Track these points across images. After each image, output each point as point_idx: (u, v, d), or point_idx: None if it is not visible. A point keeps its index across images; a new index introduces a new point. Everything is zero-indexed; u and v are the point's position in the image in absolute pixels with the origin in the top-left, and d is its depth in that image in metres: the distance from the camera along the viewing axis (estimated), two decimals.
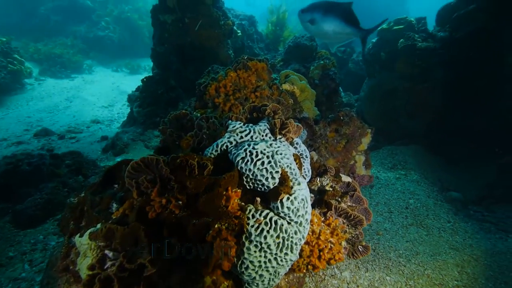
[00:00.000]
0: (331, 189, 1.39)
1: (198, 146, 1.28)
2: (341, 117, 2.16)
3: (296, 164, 1.18)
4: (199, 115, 1.64)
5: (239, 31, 4.78)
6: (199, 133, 1.32)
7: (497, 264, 1.94)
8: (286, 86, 2.29)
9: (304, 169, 1.27)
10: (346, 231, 1.23)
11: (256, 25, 6.05)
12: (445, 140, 4.45)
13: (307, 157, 1.30)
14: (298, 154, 1.27)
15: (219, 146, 1.12)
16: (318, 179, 1.43)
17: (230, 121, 1.21)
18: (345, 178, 1.59)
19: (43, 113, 4.29)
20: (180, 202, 0.89)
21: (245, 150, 1.06)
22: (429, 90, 4.21)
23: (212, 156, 1.12)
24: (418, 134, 4.71)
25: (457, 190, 3.83)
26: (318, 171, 1.48)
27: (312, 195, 1.34)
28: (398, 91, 4.60)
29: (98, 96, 5.46)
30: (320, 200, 1.30)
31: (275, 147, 1.10)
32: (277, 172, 1.02)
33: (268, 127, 1.22)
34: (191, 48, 3.58)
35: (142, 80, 3.32)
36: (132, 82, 6.87)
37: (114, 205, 1.02)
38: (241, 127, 1.17)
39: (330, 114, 4.21)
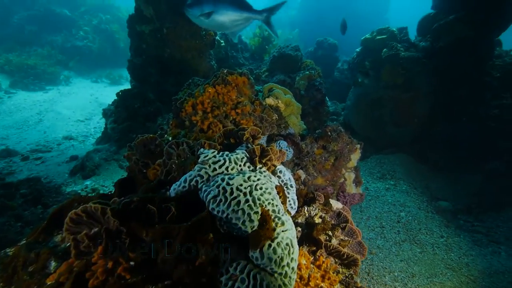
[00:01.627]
0: (320, 220, 1.24)
1: (166, 178, 1.10)
2: (329, 133, 2.03)
3: (280, 197, 1.03)
4: (170, 138, 1.47)
5: (222, 41, 4.67)
6: (167, 162, 1.14)
7: (496, 286, 1.84)
8: (270, 101, 2.15)
9: (289, 201, 1.11)
10: (339, 271, 1.07)
11: (240, 35, 5.97)
12: (431, 147, 4.46)
13: (292, 186, 1.15)
14: (282, 184, 1.12)
15: (188, 181, 0.95)
16: (306, 208, 1.27)
17: (202, 149, 1.05)
18: (336, 204, 1.44)
19: (10, 129, 3.94)
20: (133, 263, 0.71)
21: (218, 186, 0.89)
22: (414, 98, 4.23)
23: (180, 193, 0.94)
24: (405, 142, 4.71)
25: (446, 198, 3.80)
26: (306, 198, 1.32)
27: (300, 229, 1.19)
28: (383, 100, 4.60)
29: (74, 109, 5.13)
30: (309, 236, 1.14)
31: (254, 181, 0.94)
32: (256, 212, 0.86)
33: (247, 155, 1.06)
34: (170, 59, 3.41)
35: (118, 94, 3.11)
36: (112, 94, 6.54)
37: (53, 263, 0.81)
38: (214, 156, 1.00)
39: (317, 124, 4.14)
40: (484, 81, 4.19)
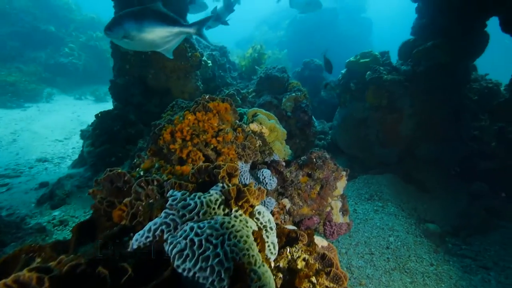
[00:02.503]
0: (303, 263, 1.14)
1: (131, 223, 0.99)
2: (314, 160, 1.97)
3: (258, 244, 0.93)
4: (142, 172, 1.36)
5: (209, 61, 4.68)
6: (134, 204, 1.03)
7: None
8: (253, 126, 2.09)
9: (268, 246, 1.01)
10: None
11: (228, 55, 6.04)
12: (416, 168, 4.51)
13: (272, 228, 1.05)
14: (261, 226, 1.03)
15: (153, 231, 0.84)
16: (288, 249, 1.17)
17: (171, 190, 0.95)
18: (321, 242, 1.35)
19: None
20: None
21: (186, 237, 0.79)
22: (398, 120, 4.31)
23: (142, 245, 0.83)
24: (392, 162, 4.75)
25: (433, 220, 3.79)
26: (288, 238, 1.23)
27: (281, 275, 1.08)
28: (369, 120, 4.67)
29: (53, 128, 4.90)
30: (291, 284, 1.04)
31: (227, 228, 0.85)
32: (227, 269, 0.76)
33: (222, 196, 0.97)
34: (155, 80, 3.34)
35: (97, 115, 2.98)
36: (96, 111, 6.37)
37: None
38: (184, 200, 0.91)
39: (304, 144, 4.11)
40: (463, 103, 4.35)
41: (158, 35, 2.01)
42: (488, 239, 3.23)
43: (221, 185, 1.00)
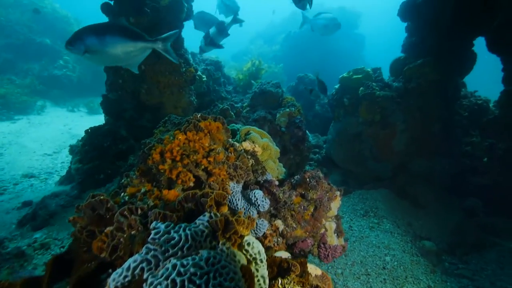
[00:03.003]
0: None
1: (111, 257, 0.92)
2: (307, 179, 1.94)
3: (246, 281, 0.87)
4: (127, 198, 1.30)
5: (204, 76, 4.69)
6: (115, 235, 0.97)
7: None
8: (246, 145, 2.06)
9: (258, 280, 0.95)
10: None
11: (223, 69, 6.08)
12: (409, 183, 4.50)
13: (262, 260, 1.00)
14: (251, 259, 0.97)
15: (132, 269, 0.78)
16: (280, 281, 1.11)
17: (155, 222, 0.89)
18: (314, 271, 1.29)
19: None
20: None
21: (167, 277, 0.73)
22: (391, 135, 4.34)
23: (120, 286, 0.77)
24: (386, 177, 4.74)
25: (429, 237, 3.74)
26: (280, 268, 1.17)
27: None
28: (362, 135, 4.69)
29: (43, 142, 4.78)
30: None
31: (213, 264, 0.79)
32: None
33: (209, 227, 0.91)
34: (148, 95, 3.32)
35: (86, 131, 2.91)
36: (88, 124, 6.26)
37: None
38: (168, 233, 0.85)
39: (299, 159, 4.08)
40: (454, 119, 4.42)
41: (121, 50, 1.99)
42: (485, 257, 3.19)
43: (208, 215, 0.95)
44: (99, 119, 3.23)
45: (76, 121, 6.44)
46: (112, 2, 3.05)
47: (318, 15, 4.46)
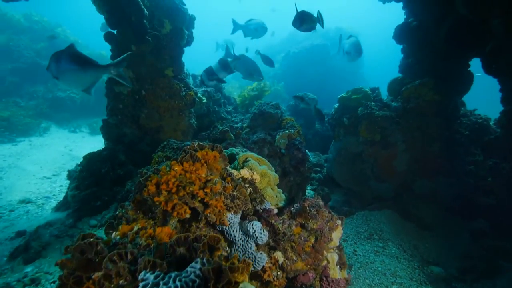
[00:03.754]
0: None
1: None
2: (308, 208, 1.88)
3: None
4: (118, 237, 1.26)
5: (204, 98, 4.75)
6: (103, 284, 0.92)
7: None
8: (244, 172, 2.03)
9: None
10: None
11: (223, 90, 6.18)
12: (413, 204, 4.40)
13: None
14: None
15: None
16: None
17: (143, 272, 0.85)
18: None
19: None
20: None
21: None
22: (392, 155, 4.30)
23: None
24: (389, 197, 4.65)
25: (436, 261, 3.58)
26: None
27: None
28: (363, 155, 4.66)
29: (42, 164, 4.78)
30: None
31: None
32: None
33: (201, 276, 0.87)
34: (148, 119, 3.34)
35: (85, 157, 2.91)
36: (89, 145, 6.31)
37: None
38: (157, 285, 0.80)
39: (300, 180, 4.02)
40: (455, 138, 4.39)
41: (72, 77, 2.10)
42: (496, 284, 3.03)
43: (200, 262, 0.91)
44: (101, 139, 3.25)
45: (78, 142, 6.48)
46: (115, 31, 3.16)
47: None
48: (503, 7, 2.45)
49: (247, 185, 2.06)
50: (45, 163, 4.83)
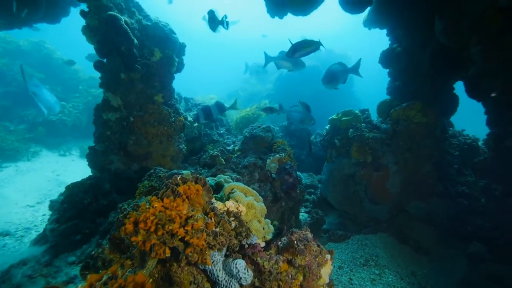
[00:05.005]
0: None
1: None
2: (295, 242, 1.81)
3: None
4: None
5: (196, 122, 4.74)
6: None
7: None
8: (230, 204, 1.96)
9: None
10: None
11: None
12: (408, 226, 4.32)
13: None
14: None
15: None
16: None
17: None
18: None
19: None
20: None
21: None
22: (384, 177, 4.28)
23: None
24: (384, 220, 4.56)
25: None
26: None
27: None
28: (356, 176, 4.62)
29: (27, 191, 4.62)
30: None
31: None
32: None
33: None
34: (136, 145, 3.29)
35: (68, 187, 2.81)
36: (79, 168, 6.17)
37: None
38: None
39: (292, 204, 3.93)
40: (446, 159, 4.41)
41: None
42: None
43: None
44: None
45: (67, 166, 6.33)
46: (105, 60, 3.19)
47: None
48: (480, 36, 2.56)
49: (232, 219, 1.99)
50: (30, 190, 4.67)
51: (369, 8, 4.43)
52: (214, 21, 3.29)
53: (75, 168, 6.25)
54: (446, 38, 2.73)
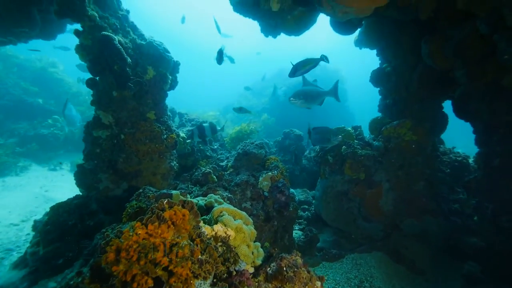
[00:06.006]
0: None
1: None
2: (284, 269, 1.76)
3: None
4: None
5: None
6: None
7: None
8: (218, 228, 1.92)
9: None
10: None
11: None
12: (403, 245, 4.26)
13: None
14: None
15: None
16: None
17: None
18: None
19: None
20: None
21: None
22: (377, 195, 4.26)
23: None
24: (379, 238, 4.50)
25: None
26: None
27: None
28: (349, 194, 4.60)
29: (12, 208, 4.46)
30: None
31: None
32: None
33: None
34: (126, 163, 3.24)
35: (52, 207, 2.72)
36: (68, 184, 6.03)
37: None
38: None
39: (285, 222, 3.86)
40: (437, 176, 4.44)
41: None
42: None
43: None
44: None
45: (56, 181, 6.18)
46: (97, 78, 3.20)
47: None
48: (463, 60, 2.64)
49: (220, 244, 1.94)
50: (15, 207, 4.51)
51: (359, 29, 4.59)
52: (221, 57, 3.77)
53: (65, 183, 6.10)
54: (432, 61, 2.81)
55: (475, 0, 2.02)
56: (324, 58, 3.47)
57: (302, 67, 3.52)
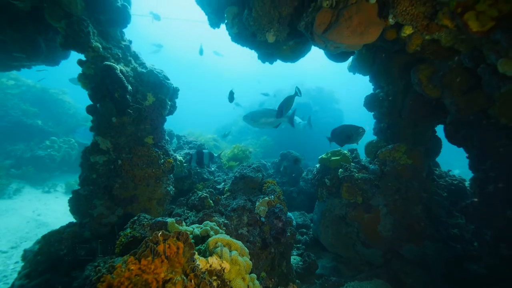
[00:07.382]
0: None
1: None
2: None
3: None
4: None
5: (185, 161, 4.74)
6: None
7: None
8: (212, 261, 1.88)
9: None
10: None
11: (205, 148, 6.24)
12: (403, 271, 4.16)
13: None
14: None
15: None
16: None
17: None
18: None
19: None
20: None
21: None
22: (375, 219, 4.22)
23: None
24: (378, 264, 4.40)
25: None
26: None
27: None
28: (348, 218, 4.55)
29: (2, 234, 4.32)
30: None
31: None
32: None
33: None
34: (122, 189, 3.22)
35: (44, 236, 2.65)
36: (61, 207, 5.91)
37: None
38: None
39: (283, 248, 3.77)
40: (434, 200, 4.43)
41: None
42: None
43: None
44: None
45: (49, 204, 6.05)
46: (98, 105, 3.27)
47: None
48: (450, 90, 2.76)
49: (214, 278, 1.90)
50: (5, 233, 4.38)
51: (352, 56, 4.79)
52: (232, 97, 4.49)
53: (58, 207, 5.98)
54: (421, 90, 2.93)
55: (458, 39, 2.16)
56: (297, 91, 4.07)
57: (286, 106, 4.18)
